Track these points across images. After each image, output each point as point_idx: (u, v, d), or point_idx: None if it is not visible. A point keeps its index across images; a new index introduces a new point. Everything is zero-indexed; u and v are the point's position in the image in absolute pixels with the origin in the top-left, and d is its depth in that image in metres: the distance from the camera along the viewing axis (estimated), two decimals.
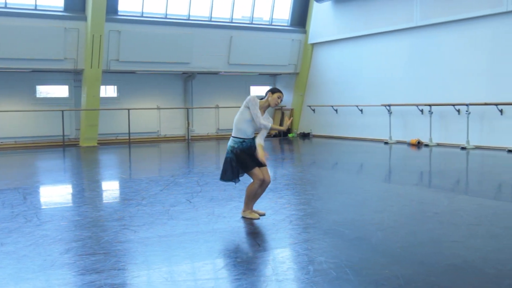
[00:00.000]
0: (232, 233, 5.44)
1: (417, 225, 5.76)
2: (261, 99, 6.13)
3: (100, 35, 16.37)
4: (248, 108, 5.95)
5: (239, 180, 6.12)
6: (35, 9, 16.24)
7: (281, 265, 4.43)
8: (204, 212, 6.43)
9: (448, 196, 7.43)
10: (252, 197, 6.08)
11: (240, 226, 5.73)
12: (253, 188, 6.02)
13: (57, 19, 16.27)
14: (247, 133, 6.01)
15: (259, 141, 6.05)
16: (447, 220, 5.93)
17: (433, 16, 15.42)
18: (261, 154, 5.95)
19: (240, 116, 6.03)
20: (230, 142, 6.05)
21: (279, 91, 6.14)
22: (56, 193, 8.41)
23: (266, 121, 6.04)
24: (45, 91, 18.18)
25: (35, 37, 15.89)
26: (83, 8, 16.65)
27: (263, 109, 6.09)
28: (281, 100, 6.16)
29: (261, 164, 6.02)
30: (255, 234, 5.46)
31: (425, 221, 5.94)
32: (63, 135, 16.99)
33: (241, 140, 5.99)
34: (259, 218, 5.99)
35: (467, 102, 14.28)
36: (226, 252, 4.79)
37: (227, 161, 6.01)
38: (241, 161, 5.95)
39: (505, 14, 13.66)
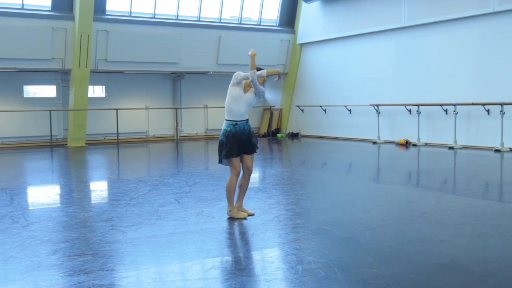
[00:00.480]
0: (221, 233, 5.44)
1: (405, 224, 5.79)
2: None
3: (88, 35, 16.29)
4: (236, 84, 6.05)
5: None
6: (22, 9, 16.12)
7: (270, 265, 4.44)
8: (193, 212, 6.42)
9: (436, 196, 7.48)
10: (232, 192, 6.10)
11: (229, 226, 5.73)
12: (231, 183, 6.08)
13: (45, 18, 16.17)
14: (241, 112, 6.04)
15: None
16: (435, 220, 5.97)
17: (421, 16, 15.51)
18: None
19: (229, 96, 6.09)
20: (223, 125, 6.10)
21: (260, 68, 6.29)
22: (43, 194, 8.35)
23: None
24: (32, 91, 18.06)
25: (22, 36, 15.78)
26: (70, 8, 16.56)
27: (250, 86, 6.16)
28: None
29: (247, 152, 6.06)
30: (244, 234, 5.46)
31: (413, 220, 5.97)
32: (51, 136, 16.88)
33: (233, 122, 6.05)
34: (246, 218, 5.99)
35: (454, 102, 14.39)
36: (215, 252, 4.78)
37: (220, 145, 6.08)
38: (229, 146, 5.97)
39: (492, 15, 13.77)
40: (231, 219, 6.03)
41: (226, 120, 6.10)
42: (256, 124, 21.67)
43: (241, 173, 6.18)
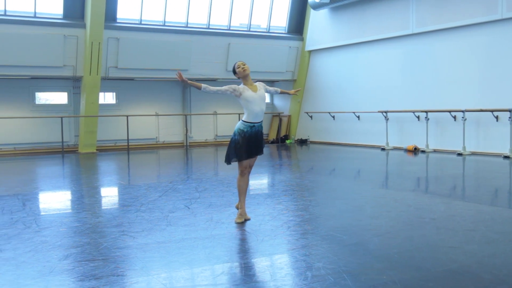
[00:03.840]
0: (230, 239, 5.47)
1: (414, 230, 5.79)
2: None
3: (99, 42, 16.44)
4: (239, 94, 6.10)
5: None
6: (35, 17, 16.30)
7: (279, 271, 4.47)
8: (202, 218, 6.46)
9: (445, 202, 7.48)
10: (244, 189, 6.30)
11: (238, 232, 5.76)
12: (240, 180, 6.25)
13: (56, 26, 16.34)
14: (256, 113, 6.11)
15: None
16: (443, 226, 5.97)
17: (428, 23, 15.52)
18: None
19: (244, 101, 6.12)
20: (239, 125, 6.14)
21: (235, 67, 6.23)
22: (55, 200, 8.43)
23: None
24: (44, 97, 18.23)
25: (35, 44, 15.96)
26: (82, 16, 16.73)
27: (247, 81, 6.22)
28: (242, 64, 6.21)
29: (257, 154, 6.24)
30: (253, 240, 5.49)
31: (422, 226, 5.97)
32: (62, 142, 17.02)
33: (251, 124, 6.13)
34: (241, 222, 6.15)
35: (463, 108, 14.36)
36: (225, 258, 4.81)
37: (234, 145, 6.12)
38: (242, 149, 6.08)
39: (500, 22, 13.76)
40: (239, 224, 6.06)
41: (243, 121, 6.15)
42: (265, 131, 21.72)
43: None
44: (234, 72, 6.27)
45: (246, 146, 6.08)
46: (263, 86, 6.29)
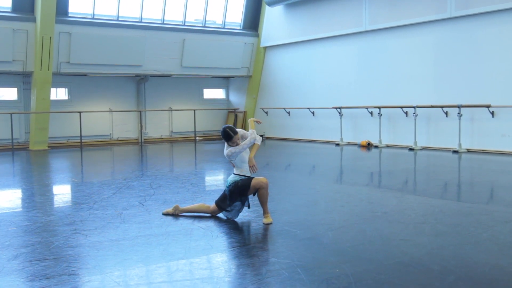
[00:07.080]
0: (185, 236, 5.45)
1: (367, 224, 5.90)
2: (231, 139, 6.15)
3: (50, 37, 16.04)
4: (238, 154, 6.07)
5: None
6: None
7: (234, 266, 4.48)
8: (157, 215, 6.41)
9: (397, 196, 7.64)
10: (195, 210, 6.42)
11: (193, 229, 5.74)
12: (204, 209, 6.37)
13: (5, 20, 15.85)
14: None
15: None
16: (395, 219, 6.11)
17: (381, 21, 15.81)
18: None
19: (239, 159, 6.13)
20: (234, 178, 6.11)
21: (232, 138, 6.11)
22: (4, 198, 8.18)
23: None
24: None
25: None
26: (32, 9, 16.27)
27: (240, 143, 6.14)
28: (237, 139, 6.11)
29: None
30: (208, 236, 5.48)
31: (374, 220, 6.09)
32: (12, 139, 16.54)
33: (245, 177, 6.12)
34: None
35: (414, 104, 14.71)
36: (179, 254, 4.79)
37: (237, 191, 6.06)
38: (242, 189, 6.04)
39: (449, 20, 14.14)
40: (195, 222, 6.05)
41: (238, 174, 6.13)
42: (221, 127, 21.66)
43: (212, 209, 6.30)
44: (229, 137, 6.08)
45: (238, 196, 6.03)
46: None
